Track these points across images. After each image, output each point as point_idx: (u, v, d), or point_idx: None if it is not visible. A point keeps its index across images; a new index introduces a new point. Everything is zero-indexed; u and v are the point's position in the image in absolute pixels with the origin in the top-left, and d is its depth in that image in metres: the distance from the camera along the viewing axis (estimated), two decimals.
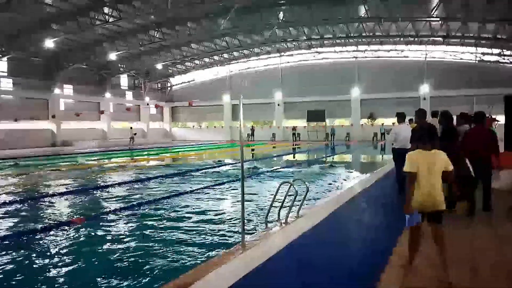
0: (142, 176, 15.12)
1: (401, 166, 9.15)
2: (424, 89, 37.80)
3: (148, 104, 44.23)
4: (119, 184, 13.11)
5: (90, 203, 10.11)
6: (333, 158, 23.71)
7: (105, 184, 13.14)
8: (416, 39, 33.38)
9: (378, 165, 16.67)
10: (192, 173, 15.61)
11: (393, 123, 10.98)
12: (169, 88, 48.62)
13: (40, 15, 25.28)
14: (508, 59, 33.92)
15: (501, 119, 18.69)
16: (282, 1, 26.43)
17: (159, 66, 38.41)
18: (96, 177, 15.18)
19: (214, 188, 11.77)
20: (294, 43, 37.06)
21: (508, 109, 11.55)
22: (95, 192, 11.66)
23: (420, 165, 4.06)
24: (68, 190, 11.96)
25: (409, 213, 4.08)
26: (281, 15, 28.77)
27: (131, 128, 38.27)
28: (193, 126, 49.11)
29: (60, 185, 13.19)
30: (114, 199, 10.64)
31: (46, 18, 25.65)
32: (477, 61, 35.44)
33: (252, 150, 30.79)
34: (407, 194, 4.11)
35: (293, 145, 35.35)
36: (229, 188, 11.86)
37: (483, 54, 33.96)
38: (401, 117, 9.74)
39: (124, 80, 42.93)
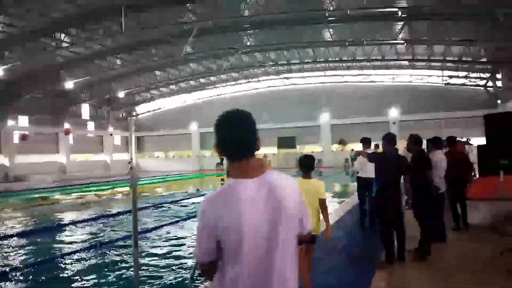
0: (106, 211, 14.07)
1: (365, 197, 7.65)
2: (393, 113, 37.53)
3: (111, 134, 42.29)
4: (76, 222, 11.81)
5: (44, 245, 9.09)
6: None
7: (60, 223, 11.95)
8: (382, 63, 33.21)
9: (350, 194, 15.54)
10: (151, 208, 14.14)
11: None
12: (134, 117, 46.84)
13: None
14: (474, 81, 34.05)
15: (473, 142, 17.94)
16: (246, 25, 25.59)
17: (121, 94, 36.83)
18: (51, 216, 13.67)
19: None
20: (261, 68, 36.33)
21: (489, 129, 10.79)
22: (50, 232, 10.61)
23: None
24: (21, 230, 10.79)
25: None
26: (245, 39, 27.99)
27: (131, 159, 39.01)
28: (159, 156, 47.25)
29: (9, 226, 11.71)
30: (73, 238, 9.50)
31: None
32: (444, 84, 35.48)
33: (222, 180, 29.26)
34: None
35: None
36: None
37: (450, 77, 33.99)
38: (366, 143, 8.65)
39: (85, 110, 40.96)
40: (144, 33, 24.26)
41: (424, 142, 6.73)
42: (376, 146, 11.77)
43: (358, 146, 8.71)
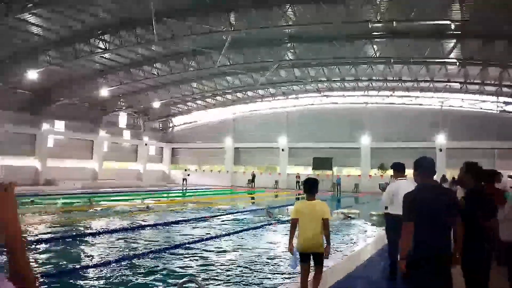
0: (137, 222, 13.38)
1: (396, 239, 5.70)
2: (440, 139, 34.77)
3: (146, 144, 42.08)
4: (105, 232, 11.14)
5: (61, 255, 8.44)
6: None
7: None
8: (430, 84, 30.80)
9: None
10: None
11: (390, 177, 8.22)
12: (170, 129, 46.59)
13: (26, 44, 23.71)
14: None
15: None
16: (284, 38, 24.37)
17: (156, 104, 36.43)
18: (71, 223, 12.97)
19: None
20: (300, 85, 34.88)
21: None
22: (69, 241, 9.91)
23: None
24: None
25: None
26: (284, 53, 26.70)
27: (185, 170, 39.04)
28: (195, 169, 46.52)
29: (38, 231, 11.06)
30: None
31: (30, 47, 24.03)
32: (498, 111, 32.46)
33: (252, 198, 27.99)
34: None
35: (296, 194, 32.28)
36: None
37: (505, 103, 31.01)
38: (399, 170, 6.87)
39: (122, 118, 41.05)
40: (178, 42, 23.62)
41: None
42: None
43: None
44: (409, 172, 8.96)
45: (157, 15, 19.48)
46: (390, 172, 26.68)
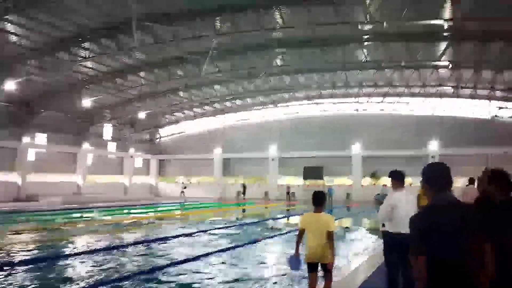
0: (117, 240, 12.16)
1: (396, 262, 5.58)
2: (433, 146, 34.17)
3: (131, 156, 40.85)
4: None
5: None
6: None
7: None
8: (422, 90, 30.27)
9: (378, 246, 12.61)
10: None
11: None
12: (157, 140, 45.42)
13: (2, 53, 22.59)
14: None
15: None
16: (272, 43, 23.57)
17: (142, 115, 35.32)
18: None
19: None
20: (290, 92, 34.15)
21: None
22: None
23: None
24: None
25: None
26: (273, 60, 25.95)
27: (182, 182, 38.74)
28: (182, 182, 45.36)
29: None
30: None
31: (7, 56, 22.91)
32: (491, 117, 31.99)
33: (243, 211, 26.95)
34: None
35: (287, 206, 31.35)
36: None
37: (498, 108, 30.55)
38: (398, 180, 5.78)
39: (107, 130, 39.74)
40: (162, 49, 22.73)
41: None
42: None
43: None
44: (407, 181, 8.12)
45: (139, 21, 18.60)
46: (383, 181, 25.79)
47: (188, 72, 27.18)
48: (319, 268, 5.05)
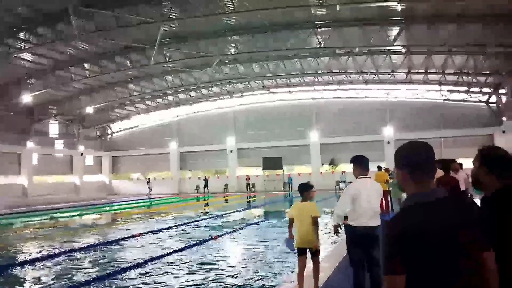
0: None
1: (361, 259, 5.15)
2: (388, 131, 34.55)
3: (82, 154, 38.72)
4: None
5: None
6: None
7: None
8: (376, 76, 30.37)
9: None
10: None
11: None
12: (109, 136, 43.33)
13: None
14: (475, 97, 31.29)
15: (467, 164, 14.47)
16: (224, 31, 22.61)
17: (89, 109, 33.35)
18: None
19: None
20: (244, 82, 33.31)
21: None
22: None
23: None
24: None
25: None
26: (226, 46, 24.99)
27: (148, 180, 38.17)
28: (137, 178, 43.73)
29: None
30: None
31: None
32: (443, 100, 32.68)
33: (206, 205, 26.11)
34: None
35: (248, 197, 30.72)
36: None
37: (450, 91, 31.19)
38: (361, 166, 5.12)
39: (53, 127, 37.44)
40: (104, 37, 21.18)
41: None
42: (379, 168, 8.59)
43: (350, 167, 5.47)
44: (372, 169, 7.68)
45: (77, 6, 17.12)
46: (341, 167, 25.56)
47: (136, 63, 25.70)
48: (308, 252, 5.45)
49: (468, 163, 13.98)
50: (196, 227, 13.95)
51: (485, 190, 2.49)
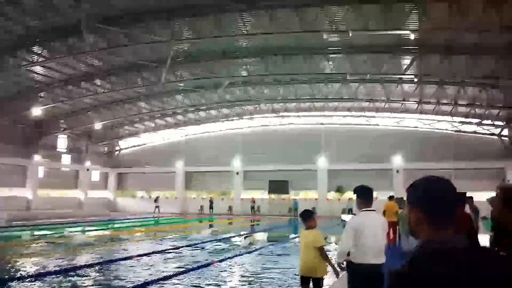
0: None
1: None
2: (397, 160, 34.01)
3: (88, 169, 38.65)
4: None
5: None
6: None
7: None
8: (387, 104, 30.09)
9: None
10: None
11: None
12: (116, 152, 43.33)
13: None
14: (487, 129, 30.78)
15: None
16: (236, 52, 22.64)
17: (98, 125, 33.40)
18: None
19: None
20: (254, 105, 33.22)
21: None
22: None
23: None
24: None
25: None
26: (238, 68, 25.02)
27: (156, 199, 37.13)
28: (142, 196, 43.41)
29: None
30: None
31: None
32: (454, 131, 32.21)
33: (210, 226, 25.76)
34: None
35: (251, 220, 30.23)
36: None
37: (461, 123, 30.73)
38: (365, 197, 4.70)
39: (62, 141, 37.54)
40: (116, 54, 21.33)
41: None
42: (391, 198, 8.29)
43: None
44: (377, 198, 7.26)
45: (91, 22, 17.23)
46: (348, 194, 24.86)
47: (146, 81, 25.78)
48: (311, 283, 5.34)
49: (479, 196, 13.54)
50: (196, 249, 13.54)
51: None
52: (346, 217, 6.18)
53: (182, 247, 13.96)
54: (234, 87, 28.14)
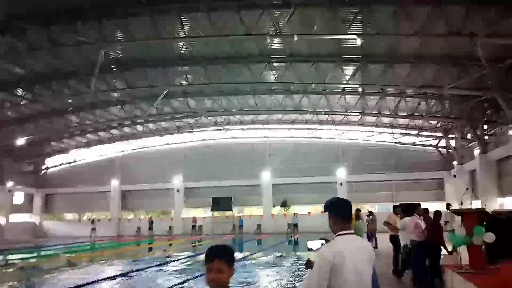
0: None
1: None
2: (340, 173, 33.85)
3: (10, 191, 34.76)
4: None
5: None
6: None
7: None
8: (329, 117, 29.83)
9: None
10: None
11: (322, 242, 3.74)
12: (43, 171, 39.57)
13: None
14: (425, 140, 31.48)
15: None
16: (173, 59, 21.13)
17: (21, 141, 30.04)
18: None
19: None
20: (196, 118, 31.57)
21: None
22: None
23: None
24: None
25: None
26: (176, 77, 23.46)
27: (92, 220, 34.63)
28: (74, 218, 39.85)
29: None
30: None
31: None
32: (394, 143, 32.68)
33: (150, 250, 23.68)
34: None
35: (191, 242, 28.31)
36: None
37: (401, 134, 31.19)
38: (342, 215, 3.04)
39: None
40: (40, 60, 19.03)
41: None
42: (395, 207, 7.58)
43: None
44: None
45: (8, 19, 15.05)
46: (293, 209, 23.61)
47: (75, 91, 23.44)
48: None
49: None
50: (129, 279, 11.71)
51: None
52: (314, 244, 3.26)
53: (104, 279, 12.02)
54: (173, 98, 26.48)
